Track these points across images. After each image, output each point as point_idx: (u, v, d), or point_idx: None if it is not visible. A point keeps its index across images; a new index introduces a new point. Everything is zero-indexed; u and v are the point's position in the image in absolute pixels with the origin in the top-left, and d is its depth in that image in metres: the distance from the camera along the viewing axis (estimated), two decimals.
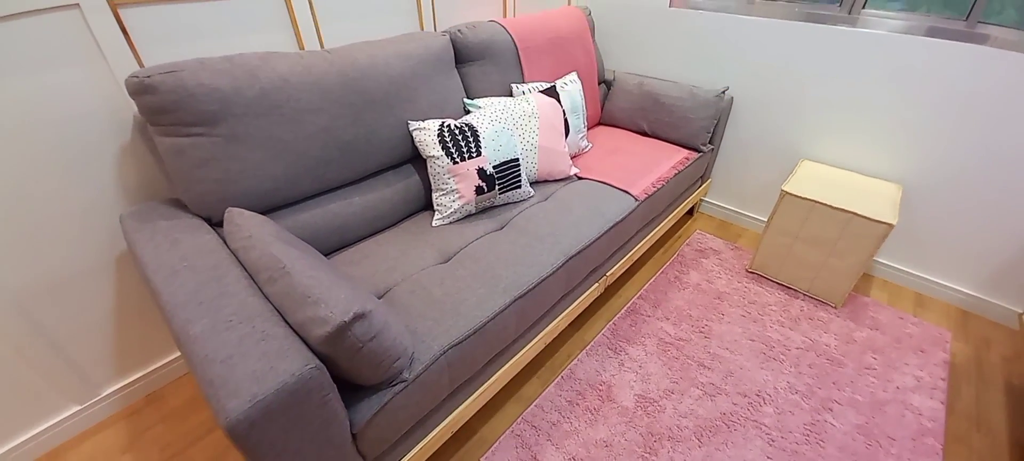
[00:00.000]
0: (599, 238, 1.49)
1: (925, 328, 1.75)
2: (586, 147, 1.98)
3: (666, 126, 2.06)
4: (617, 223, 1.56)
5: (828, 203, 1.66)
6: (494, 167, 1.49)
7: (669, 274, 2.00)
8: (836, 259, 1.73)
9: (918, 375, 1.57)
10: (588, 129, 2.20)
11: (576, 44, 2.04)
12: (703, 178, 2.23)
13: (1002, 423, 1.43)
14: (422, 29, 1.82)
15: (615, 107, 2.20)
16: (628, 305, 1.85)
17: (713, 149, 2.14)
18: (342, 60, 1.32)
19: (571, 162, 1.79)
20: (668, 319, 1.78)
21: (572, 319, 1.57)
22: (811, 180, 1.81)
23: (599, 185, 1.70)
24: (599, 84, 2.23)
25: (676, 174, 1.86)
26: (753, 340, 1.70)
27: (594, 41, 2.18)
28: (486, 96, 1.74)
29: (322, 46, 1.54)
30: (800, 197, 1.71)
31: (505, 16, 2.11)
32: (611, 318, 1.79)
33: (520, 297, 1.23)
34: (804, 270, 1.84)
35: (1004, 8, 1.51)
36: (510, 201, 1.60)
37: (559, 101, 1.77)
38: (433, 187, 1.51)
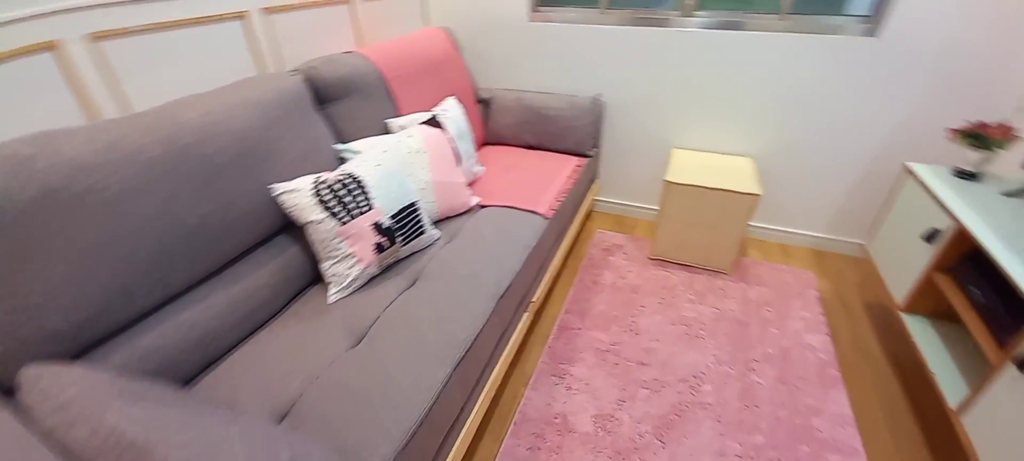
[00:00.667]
0: (522, 268, 1.39)
1: (796, 273, 2.03)
2: (480, 171, 1.89)
3: (552, 137, 2.08)
4: (535, 246, 1.49)
5: (706, 185, 1.82)
6: (391, 217, 1.30)
7: (585, 280, 2.01)
8: (720, 232, 1.91)
9: (804, 316, 1.80)
10: (477, 151, 2.11)
11: (448, 67, 1.94)
12: (593, 180, 2.31)
13: (874, 339, 1.70)
14: (263, 70, 1.52)
15: (498, 124, 2.15)
16: (558, 323, 1.79)
17: (598, 152, 2.23)
18: (165, 123, 1.01)
19: (470, 191, 1.67)
20: (598, 327, 1.76)
21: (511, 358, 1.44)
22: (685, 167, 1.98)
23: (505, 210, 1.60)
24: (477, 103, 2.16)
25: (574, 183, 1.86)
26: (674, 324, 1.77)
27: (463, 61, 2.10)
28: (360, 137, 1.53)
29: (133, 108, 1.17)
30: (683, 184, 1.85)
31: (359, 45, 1.90)
32: (545, 341, 1.70)
33: (462, 359, 1.07)
34: (697, 247, 2.00)
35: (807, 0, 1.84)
36: (416, 250, 1.42)
37: (444, 130, 1.63)
38: (320, 257, 1.25)
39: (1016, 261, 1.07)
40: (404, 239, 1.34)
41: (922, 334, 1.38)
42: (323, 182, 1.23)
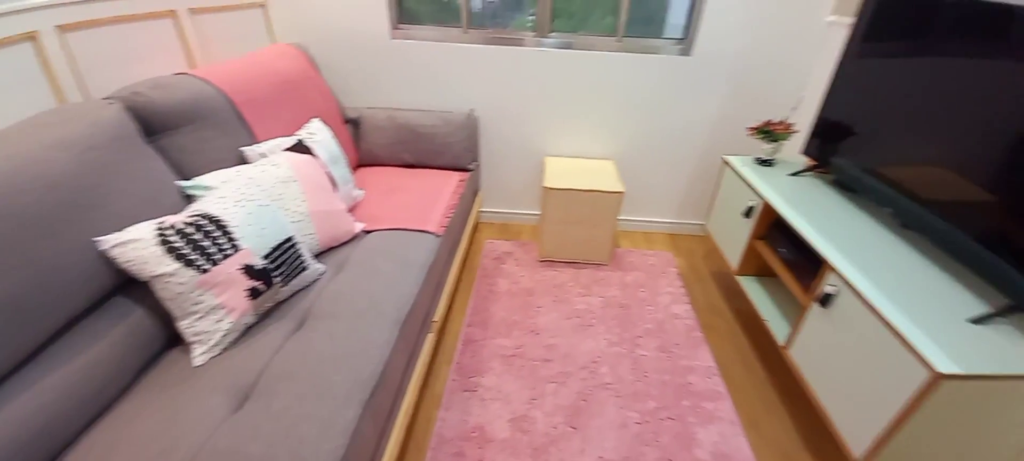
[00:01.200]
0: (421, 288, 1.35)
1: (659, 256, 2.35)
2: (359, 196, 1.78)
3: (431, 154, 2.07)
4: (430, 265, 1.46)
5: (579, 188, 2.00)
6: (265, 257, 1.15)
7: (482, 290, 2.03)
8: (596, 229, 2.12)
9: (669, 291, 2.09)
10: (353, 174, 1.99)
11: (308, 86, 1.80)
12: (476, 192, 2.36)
13: (722, 301, 2.06)
14: (65, 101, 1.23)
15: (372, 145, 2.06)
16: (462, 337, 1.77)
17: (477, 165, 2.28)
18: None
19: (352, 218, 1.57)
20: (500, 334, 1.80)
21: (421, 382, 1.39)
22: (559, 173, 2.15)
23: (394, 233, 1.54)
24: (345, 124, 2.03)
25: (460, 198, 1.88)
26: (569, 318, 1.90)
27: (323, 80, 1.97)
28: (210, 171, 1.32)
29: None
30: (559, 189, 2.01)
31: (191, 67, 1.65)
32: (452, 358, 1.68)
33: (372, 395, 0.99)
34: (578, 244, 2.18)
35: (635, 25, 2.14)
36: (300, 288, 1.28)
37: (315, 155, 1.51)
38: (176, 314, 1.05)
39: (804, 223, 1.40)
40: (283, 278, 1.20)
41: (753, 291, 1.71)
42: (170, 227, 1.04)
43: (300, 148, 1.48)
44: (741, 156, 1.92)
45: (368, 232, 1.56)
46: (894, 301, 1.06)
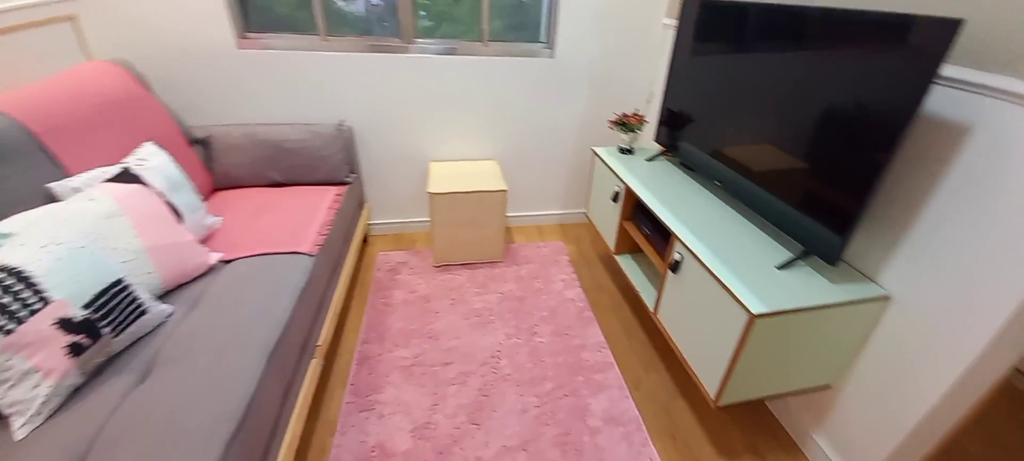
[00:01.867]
0: (293, 313, 1.26)
1: (550, 246, 2.48)
2: (215, 223, 1.60)
3: (303, 169, 1.94)
4: (305, 287, 1.37)
5: (465, 190, 2.03)
6: (86, 307, 0.99)
7: (377, 304, 1.97)
8: (486, 228, 2.17)
9: (561, 278, 2.21)
10: (206, 200, 1.79)
11: (138, 107, 1.58)
12: (361, 205, 2.27)
13: (608, 279, 2.23)
14: None
15: (229, 166, 1.87)
16: (356, 356, 1.70)
17: (357, 176, 2.20)
18: None
19: (206, 249, 1.42)
20: (398, 345, 1.76)
21: (307, 411, 1.30)
22: (444, 177, 2.16)
23: (261, 259, 1.42)
24: (190, 146, 1.80)
25: (337, 213, 1.79)
26: (467, 318, 1.92)
27: (156, 99, 1.73)
28: (8, 214, 1.10)
29: None
30: (445, 193, 2.02)
31: None
32: (346, 380, 1.60)
33: (236, 432, 0.90)
34: (471, 245, 2.21)
35: (512, 31, 2.22)
36: (140, 336, 1.12)
37: (147, 184, 1.33)
38: None
39: (655, 201, 1.58)
40: (114, 328, 1.04)
41: (628, 267, 1.88)
42: None
43: (126, 177, 1.29)
44: (607, 147, 2.11)
45: (228, 262, 1.42)
46: (722, 260, 1.25)
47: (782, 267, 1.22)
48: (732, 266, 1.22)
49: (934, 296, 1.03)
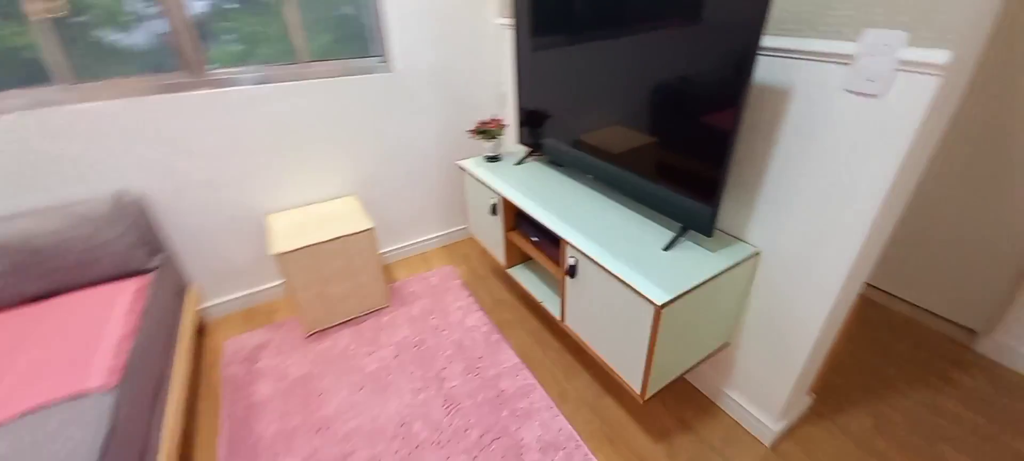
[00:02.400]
0: None
1: (440, 273, 2.28)
2: None
3: (72, 270, 1.42)
4: (106, 441, 0.97)
5: (320, 240, 1.72)
6: None
7: (235, 412, 1.55)
8: (359, 275, 1.88)
9: (459, 305, 2.04)
10: None
11: None
12: (182, 291, 1.78)
13: (507, 293, 2.13)
14: None
15: None
16: None
17: (167, 257, 1.71)
18: None
19: None
20: (279, 452, 1.40)
21: None
22: (290, 230, 1.81)
23: (23, 423, 0.97)
24: None
25: (142, 315, 1.35)
26: (362, 387, 1.64)
27: None
28: None
29: None
30: (293, 251, 1.68)
31: None
32: None
33: None
34: (347, 299, 1.91)
35: (345, 43, 1.92)
36: None
37: None
38: None
39: (536, 207, 1.52)
40: None
41: (525, 278, 1.81)
42: None
43: None
44: (474, 158, 1.99)
45: None
46: (614, 255, 1.23)
47: (667, 248, 1.25)
48: (625, 259, 1.20)
49: (792, 240, 1.14)
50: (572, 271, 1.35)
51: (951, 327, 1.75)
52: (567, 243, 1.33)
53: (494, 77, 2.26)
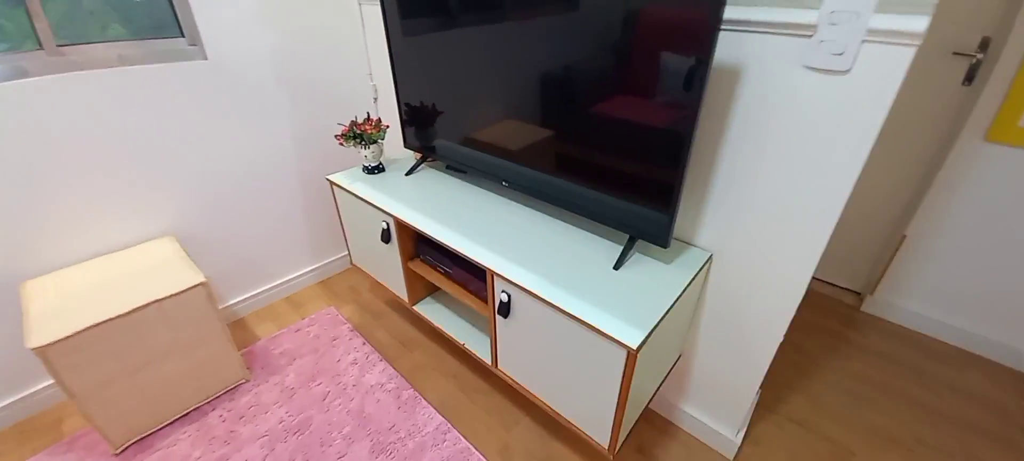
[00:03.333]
0: None
1: (319, 319, 1.78)
2: None
3: None
4: None
5: (116, 314, 1.13)
6: None
7: None
8: (196, 348, 1.33)
9: (352, 358, 1.60)
10: None
11: None
12: None
13: (413, 329, 1.73)
14: None
15: None
16: None
17: None
18: None
19: None
20: None
21: None
22: (62, 303, 1.17)
23: None
24: None
25: None
26: None
27: None
28: None
29: None
30: (69, 337, 1.08)
31: None
32: None
33: None
34: (181, 383, 1.34)
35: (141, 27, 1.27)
36: None
37: None
38: None
39: (445, 229, 1.18)
40: None
41: (437, 315, 1.45)
42: None
43: None
44: (348, 170, 1.55)
45: None
46: (557, 283, 0.97)
47: (617, 266, 1.03)
48: (573, 288, 0.95)
49: (748, 238, 1.01)
50: (504, 309, 1.06)
51: (839, 291, 1.91)
52: (495, 274, 1.03)
53: (362, 69, 1.81)
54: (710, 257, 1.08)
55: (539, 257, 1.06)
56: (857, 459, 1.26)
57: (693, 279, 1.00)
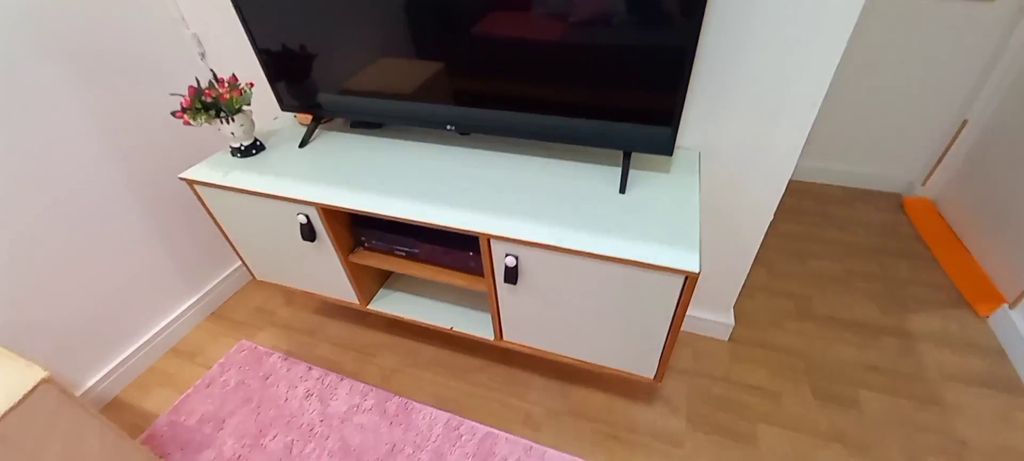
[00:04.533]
0: None
1: (231, 360, 1.37)
2: None
3: None
4: None
5: None
6: None
7: None
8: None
9: (302, 391, 1.27)
10: None
11: None
12: None
13: (367, 332, 1.43)
14: None
15: None
16: None
17: None
18: None
19: None
20: None
21: None
22: None
23: None
24: None
25: None
26: None
27: None
28: None
29: None
30: None
31: None
32: None
33: None
34: None
35: None
36: None
37: None
38: None
39: (397, 202, 0.92)
40: None
41: (403, 306, 1.19)
42: None
43: None
44: (209, 159, 1.12)
45: None
46: (576, 228, 0.82)
47: (623, 190, 0.91)
48: (597, 229, 0.81)
49: (734, 131, 0.96)
50: (511, 275, 0.88)
51: None
52: (492, 238, 0.84)
53: (168, 11, 1.28)
54: (698, 155, 1.02)
55: (533, 205, 0.88)
56: (815, 301, 1.43)
57: (697, 183, 0.93)
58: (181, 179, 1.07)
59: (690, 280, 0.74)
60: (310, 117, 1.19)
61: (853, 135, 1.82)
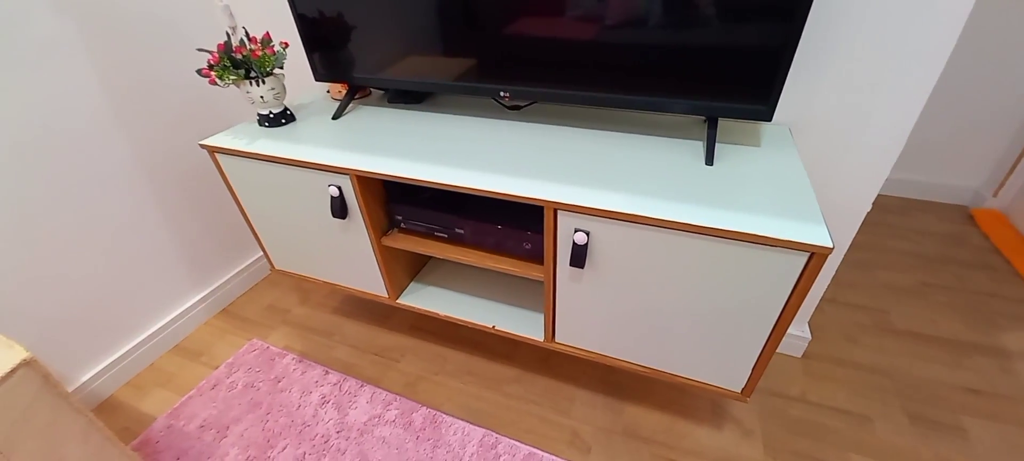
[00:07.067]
0: None
1: (240, 360, 1.23)
2: None
3: None
4: None
5: None
6: None
7: None
8: None
9: (318, 397, 1.12)
10: None
11: None
12: None
13: (388, 335, 1.29)
14: None
15: None
16: None
17: None
18: None
19: None
20: None
21: None
22: None
23: None
24: None
25: None
26: None
27: None
28: None
29: None
30: None
31: None
32: None
33: None
34: None
35: None
36: None
37: None
38: None
39: (420, 166, 0.80)
40: None
41: (434, 301, 1.05)
42: None
43: None
44: (232, 128, 1.02)
45: None
46: (666, 198, 0.69)
47: (710, 161, 0.79)
48: (691, 200, 0.68)
49: (828, 104, 0.84)
50: (578, 257, 0.74)
51: None
52: (562, 208, 0.71)
53: None
54: (789, 130, 0.89)
55: (608, 174, 0.76)
56: (892, 315, 1.27)
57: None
58: (202, 146, 0.97)
59: (816, 259, 0.60)
60: (345, 88, 1.09)
61: (910, 139, 1.70)
